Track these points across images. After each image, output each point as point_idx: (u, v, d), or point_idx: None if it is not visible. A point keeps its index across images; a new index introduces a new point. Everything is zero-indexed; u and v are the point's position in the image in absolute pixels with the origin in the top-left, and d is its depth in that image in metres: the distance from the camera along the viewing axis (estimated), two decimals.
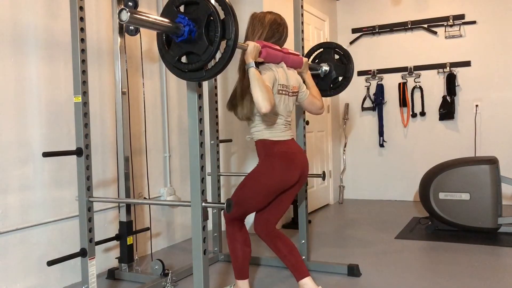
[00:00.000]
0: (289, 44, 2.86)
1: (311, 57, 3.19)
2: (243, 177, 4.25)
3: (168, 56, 1.85)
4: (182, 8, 1.82)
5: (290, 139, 2.49)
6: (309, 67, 2.80)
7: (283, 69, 2.43)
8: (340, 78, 3.13)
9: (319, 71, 3.10)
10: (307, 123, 3.24)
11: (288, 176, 2.42)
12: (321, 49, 3.18)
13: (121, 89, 3.01)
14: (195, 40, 1.78)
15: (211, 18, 1.75)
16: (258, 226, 2.54)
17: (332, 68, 3.10)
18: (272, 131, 2.42)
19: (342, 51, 3.12)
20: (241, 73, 2.41)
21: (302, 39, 3.13)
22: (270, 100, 2.14)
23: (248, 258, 2.54)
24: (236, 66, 2.46)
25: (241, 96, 2.37)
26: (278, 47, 2.43)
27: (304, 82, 2.68)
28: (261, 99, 2.13)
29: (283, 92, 2.41)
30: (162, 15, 1.81)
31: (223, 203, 1.92)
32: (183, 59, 1.86)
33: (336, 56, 3.14)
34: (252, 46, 2.22)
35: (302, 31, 3.13)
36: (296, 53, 2.62)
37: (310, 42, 4.93)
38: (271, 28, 2.44)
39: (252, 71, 2.18)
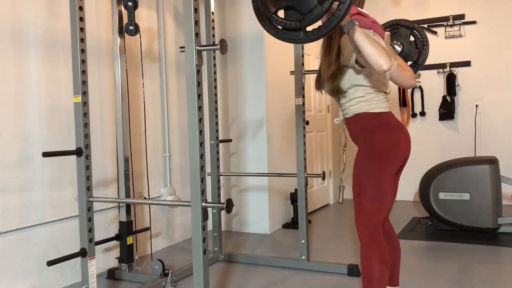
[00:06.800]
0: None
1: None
2: (243, 177, 4.32)
3: (263, 5, 1.59)
4: None
5: (390, 111, 2.18)
6: None
7: (372, 33, 2.13)
8: (409, 63, 2.77)
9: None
10: (307, 123, 3.22)
11: (408, 148, 2.11)
12: (398, 26, 2.83)
13: (121, 89, 3.01)
14: None
15: None
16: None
17: (404, 49, 2.75)
18: (380, 102, 2.12)
19: (420, 34, 2.76)
20: (325, 44, 2.16)
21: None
22: (388, 54, 1.82)
23: (385, 280, 2.03)
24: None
25: (328, 66, 2.11)
26: (367, 13, 2.17)
27: None
28: (377, 56, 1.79)
29: None
30: None
31: (223, 203, 1.92)
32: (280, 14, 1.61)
33: (412, 38, 2.79)
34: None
35: None
36: (381, 25, 2.37)
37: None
38: None
39: (356, 28, 1.82)
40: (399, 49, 2.73)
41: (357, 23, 1.81)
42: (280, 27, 1.59)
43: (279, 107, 4.38)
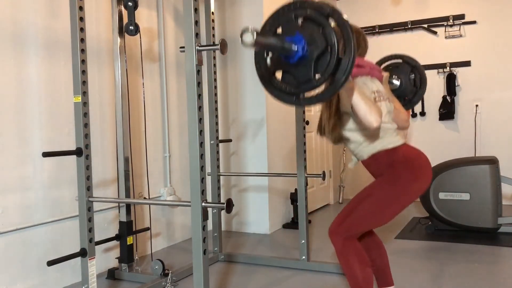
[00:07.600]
0: None
1: (385, 64, 2.83)
2: (243, 177, 4.32)
3: (264, 64, 1.68)
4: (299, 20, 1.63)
5: (404, 142, 2.20)
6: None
7: (369, 78, 2.21)
8: (405, 99, 2.77)
9: (389, 84, 2.71)
10: (307, 123, 3.23)
11: (428, 184, 2.16)
12: (400, 60, 2.83)
13: (121, 89, 3.01)
14: (300, 64, 1.59)
15: (329, 50, 1.56)
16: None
17: (402, 85, 2.72)
18: (391, 136, 2.15)
19: (420, 73, 2.78)
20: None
21: None
22: (378, 112, 1.91)
23: (370, 278, 2.12)
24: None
25: (329, 118, 2.15)
26: (365, 62, 2.23)
27: None
28: (368, 114, 1.88)
29: (382, 99, 2.18)
30: (283, 30, 1.62)
31: (223, 203, 1.92)
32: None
33: (411, 75, 2.78)
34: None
35: None
36: (379, 68, 2.39)
37: None
38: (362, 41, 2.24)
39: (350, 84, 1.89)
40: (397, 83, 2.72)
41: (351, 79, 1.85)
42: (275, 85, 1.65)
43: (279, 107, 4.38)
